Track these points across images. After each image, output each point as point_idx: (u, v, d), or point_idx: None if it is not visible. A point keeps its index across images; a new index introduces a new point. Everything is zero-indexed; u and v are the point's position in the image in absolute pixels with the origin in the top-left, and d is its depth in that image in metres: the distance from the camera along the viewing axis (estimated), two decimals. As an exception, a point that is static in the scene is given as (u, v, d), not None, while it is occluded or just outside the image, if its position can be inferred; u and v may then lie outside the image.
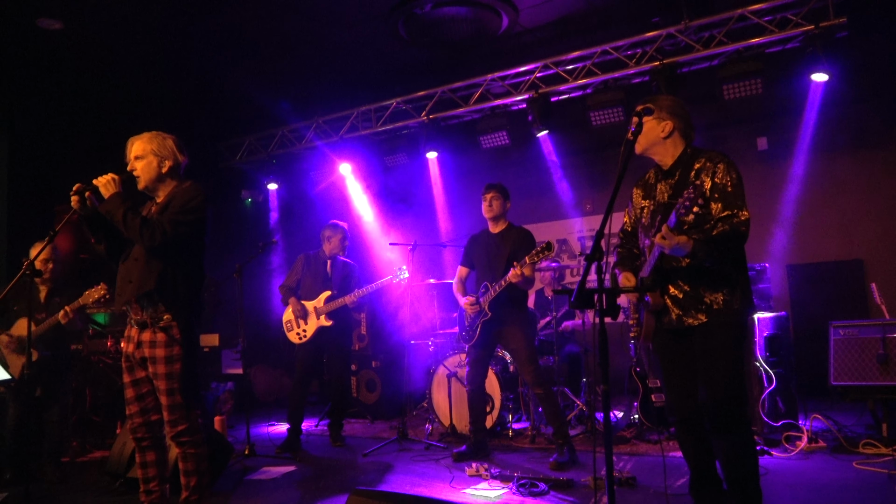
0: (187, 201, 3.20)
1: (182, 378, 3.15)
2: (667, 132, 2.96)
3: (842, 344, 4.72)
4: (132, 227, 3.06)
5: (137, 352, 3.17)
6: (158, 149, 3.26)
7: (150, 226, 3.08)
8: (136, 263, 3.16)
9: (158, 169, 3.27)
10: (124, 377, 3.24)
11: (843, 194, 6.38)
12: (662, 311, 2.96)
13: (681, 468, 4.00)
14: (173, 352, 3.12)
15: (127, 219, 3.07)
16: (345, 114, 7.58)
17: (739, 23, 5.55)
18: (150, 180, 3.26)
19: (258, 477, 4.67)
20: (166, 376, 3.11)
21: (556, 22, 6.24)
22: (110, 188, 3.13)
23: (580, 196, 7.92)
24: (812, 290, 6.43)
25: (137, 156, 3.24)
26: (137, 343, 3.17)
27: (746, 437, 2.87)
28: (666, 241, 2.59)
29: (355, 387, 6.93)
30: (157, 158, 3.26)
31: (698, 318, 2.86)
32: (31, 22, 5.52)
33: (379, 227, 8.75)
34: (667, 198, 2.96)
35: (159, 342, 3.11)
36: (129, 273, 3.18)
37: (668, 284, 2.93)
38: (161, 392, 3.14)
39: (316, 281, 5.64)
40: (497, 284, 4.64)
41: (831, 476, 3.96)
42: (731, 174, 2.80)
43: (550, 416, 4.67)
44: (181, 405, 3.15)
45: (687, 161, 2.97)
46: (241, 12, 5.68)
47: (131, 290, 3.14)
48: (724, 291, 2.84)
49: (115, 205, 3.09)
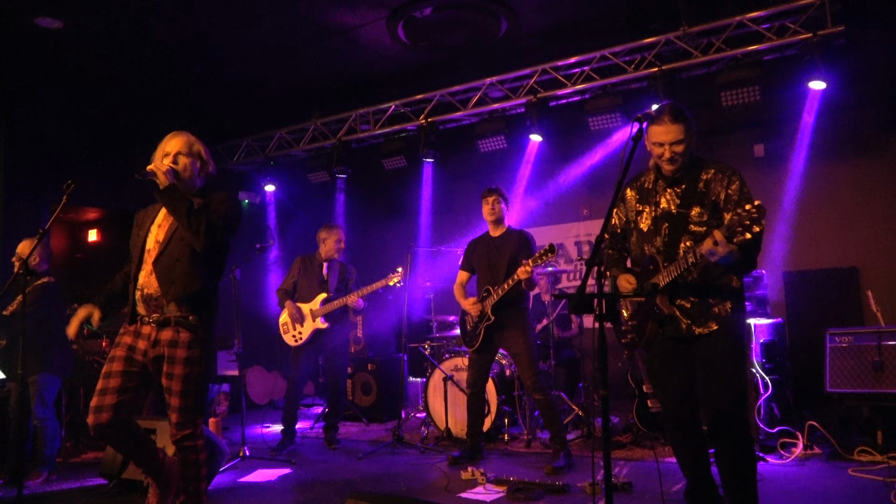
0: (231, 208, 3.18)
1: (198, 381, 3.10)
2: None
3: (838, 351, 4.73)
4: (195, 223, 3.01)
5: (152, 350, 3.09)
6: (202, 151, 3.29)
7: (212, 227, 3.05)
8: (177, 264, 3.09)
9: (200, 171, 3.27)
10: (114, 366, 3.07)
11: (839, 202, 6.40)
12: (667, 319, 2.97)
13: (677, 473, 3.99)
14: (194, 354, 3.07)
15: (191, 213, 3.02)
16: (343, 116, 7.57)
17: (738, 30, 5.57)
18: (189, 179, 3.22)
19: (253, 479, 4.65)
20: (184, 378, 3.05)
21: (555, 27, 6.26)
22: (168, 178, 3.08)
23: (577, 201, 7.92)
24: (808, 297, 6.44)
25: (181, 151, 3.21)
26: (154, 341, 3.09)
27: (747, 443, 2.88)
28: (720, 249, 2.57)
29: (351, 389, 6.91)
30: (200, 161, 3.28)
31: (709, 327, 2.89)
32: (30, 21, 5.51)
33: (376, 230, 8.74)
34: (675, 207, 2.97)
35: (182, 342, 3.06)
36: (169, 273, 3.08)
37: (676, 293, 2.93)
38: (174, 394, 3.06)
39: (312, 283, 5.63)
40: (500, 287, 4.64)
41: (826, 483, 3.97)
42: (745, 188, 2.86)
43: (548, 420, 4.67)
44: (191, 408, 3.09)
45: (692, 169, 2.98)
46: (239, 13, 5.68)
47: (175, 291, 3.06)
48: (731, 300, 2.89)
49: (179, 197, 3.05)
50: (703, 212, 2.90)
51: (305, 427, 6.33)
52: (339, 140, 7.58)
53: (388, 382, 6.79)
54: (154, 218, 3.27)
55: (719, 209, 2.87)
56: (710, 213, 2.89)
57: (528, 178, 7.91)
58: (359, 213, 8.86)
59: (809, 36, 5.27)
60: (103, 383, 3.04)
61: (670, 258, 2.92)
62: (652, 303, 2.98)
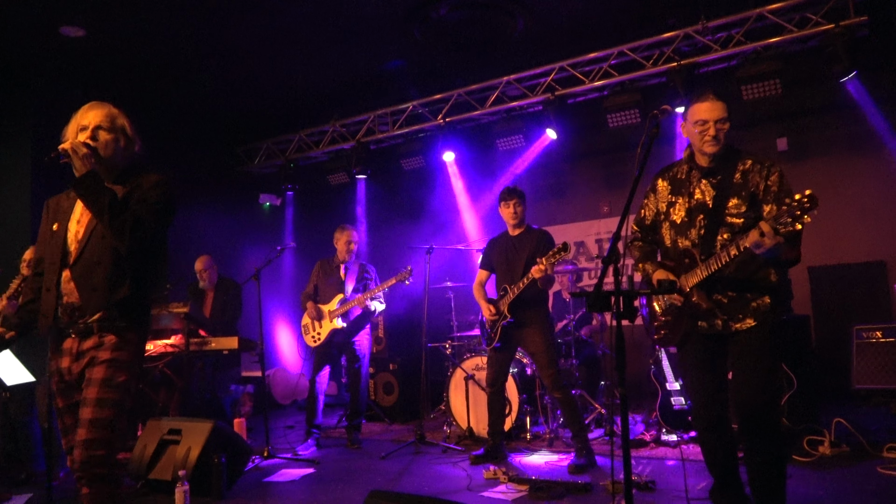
0: (162, 196, 2.63)
1: (120, 391, 2.52)
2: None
3: (865, 347, 4.66)
4: (118, 221, 2.47)
5: (76, 365, 2.57)
6: (127, 126, 2.72)
7: (140, 223, 2.51)
8: (98, 268, 2.55)
9: (124, 150, 2.69)
10: (58, 402, 2.62)
11: (865, 195, 6.29)
12: (702, 315, 2.89)
13: (701, 472, 3.97)
14: (121, 357, 2.54)
15: (114, 208, 2.48)
16: (362, 118, 7.61)
17: (758, 22, 5.50)
18: (110, 159, 2.65)
19: (277, 479, 4.70)
20: (103, 383, 2.49)
21: (572, 24, 6.23)
22: (87, 163, 2.51)
23: (597, 198, 7.89)
24: (834, 292, 6.35)
25: (101, 125, 2.64)
26: (76, 354, 2.57)
27: (779, 444, 2.83)
28: (767, 241, 2.50)
29: (373, 389, 6.95)
30: (125, 139, 2.70)
31: (746, 323, 2.82)
32: (55, 30, 5.62)
33: (396, 230, 8.77)
34: (710, 199, 2.90)
35: (107, 344, 2.54)
36: (89, 279, 2.55)
37: (713, 288, 2.86)
38: (87, 402, 2.47)
39: (331, 285, 5.71)
40: (515, 286, 4.64)
41: (854, 481, 3.90)
42: (784, 179, 2.80)
43: (569, 419, 4.65)
44: (107, 423, 2.46)
45: (727, 160, 2.91)
46: (259, 18, 5.73)
47: (98, 301, 2.54)
48: (769, 295, 2.82)
49: (99, 188, 2.49)
50: (741, 203, 2.82)
51: (329, 427, 6.37)
52: (357, 141, 7.62)
53: (409, 382, 6.81)
54: (73, 210, 2.73)
55: (758, 201, 2.79)
56: (748, 205, 2.81)
57: (546, 175, 7.89)
58: (379, 214, 8.90)
59: (831, 27, 5.19)
60: (62, 424, 2.64)
61: (707, 251, 2.84)
62: (688, 298, 2.89)
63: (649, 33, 5.95)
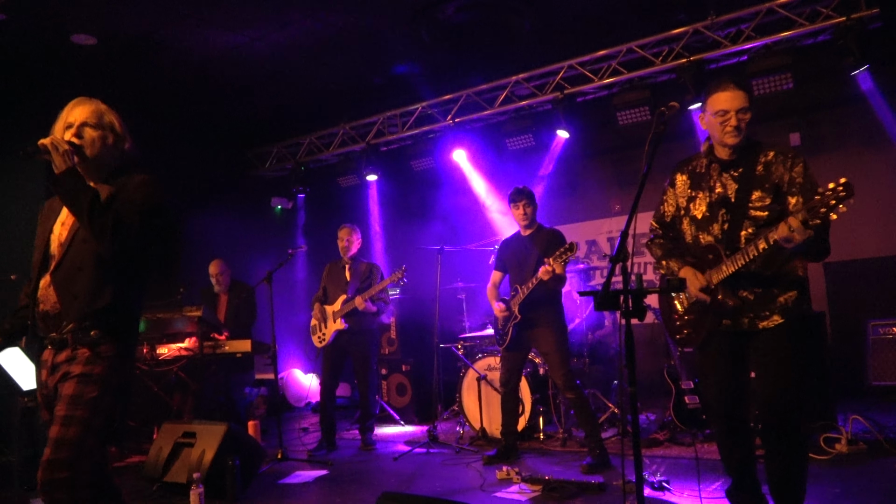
0: (150, 196, 2.46)
1: (91, 408, 2.31)
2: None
3: (881, 343, 4.61)
4: (99, 222, 2.30)
5: (51, 379, 2.41)
6: (116, 123, 2.56)
7: (124, 225, 2.34)
8: (79, 274, 2.40)
9: (113, 147, 2.53)
10: (43, 414, 2.48)
11: (880, 189, 6.22)
12: (728, 312, 2.80)
13: (715, 471, 3.95)
14: (93, 371, 2.34)
15: (95, 208, 2.31)
16: (371, 119, 7.63)
17: (768, 17, 5.45)
18: (97, 158, 2.49)
19: (291, 481, 4.72)
20: (71, 400, 2.30)
21: (580, 22, 6.20)
22: (67, 160, 2.35)
23: (608, 196, 7.85)
24: (849, 287, 6.27)
25: (88, 122, 2.48)
26: (52, 367, 2.41)
27: (802, 445, 2.78)
28: (797, 236, 2.41)
29: (385, 391, 6.96)
30: (114, 136, 2.54)
31: (773, 321, 2.74)
32: (66, 38, 5.68)
33: (407, 231, 8.78)
34: (732, 192, 2.82)
35: (79, 357, 2.36)
36: (70, 285, 2.39)
37: (738, 284, 2.77)
38: (56, 420, 2.30)
39: (336, 286, 5.75)
40: (525, 286, 4.63)
41: (872, 479, 3.85)
42: (809, 170, 2.72)
43: (582, 419, 4.64)
44: (73, 442, 2.27)
45: (748, 152, 2.83)
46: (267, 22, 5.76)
47: (78, 308, 2.37)
48: (797, 290, 2.75)
49: (79, 186, 2.33)
50: (765, 196, 2.73)
51: (342, 428, 6.39)
52: (367, 143, 7.64)
53: (422, 383, 6.82)
54: (59, 212, 2.57)
55: (781, 193, 2.71)
56: (772, 198, 2.72)
57: (557, 174, 7.87)
58: (389, 215, 8.91)
59: (843, 20, 5.13)
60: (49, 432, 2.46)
61: (731, 246, 2.76)
62: (714, 296, 2.80)
63: (658, 30, 5.91)
